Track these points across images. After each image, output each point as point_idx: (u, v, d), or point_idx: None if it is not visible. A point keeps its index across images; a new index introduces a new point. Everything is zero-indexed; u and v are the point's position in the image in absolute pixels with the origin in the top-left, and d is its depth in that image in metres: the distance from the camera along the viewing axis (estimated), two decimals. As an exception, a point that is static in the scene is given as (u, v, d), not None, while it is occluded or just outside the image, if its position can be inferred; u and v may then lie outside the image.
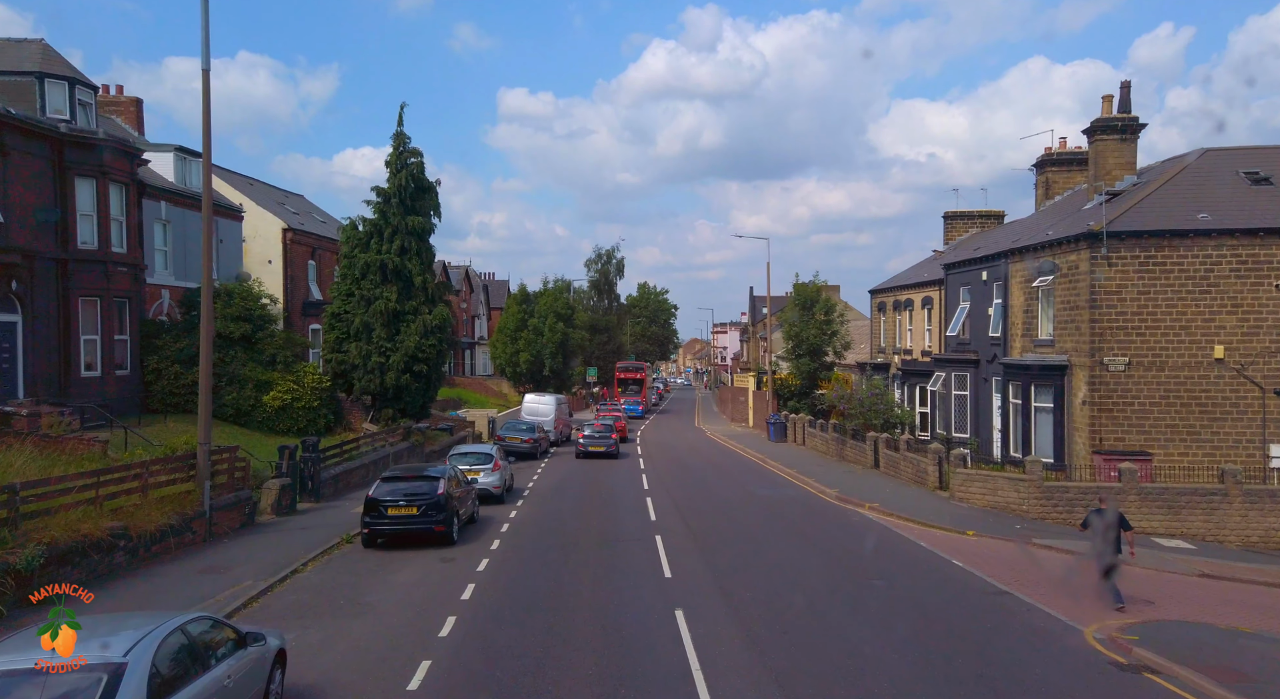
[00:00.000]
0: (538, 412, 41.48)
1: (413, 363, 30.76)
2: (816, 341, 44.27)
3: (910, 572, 16.15)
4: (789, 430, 43.29)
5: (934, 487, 25.06)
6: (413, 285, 31.44)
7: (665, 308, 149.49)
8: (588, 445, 36.76)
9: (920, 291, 37.40)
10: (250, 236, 41.66)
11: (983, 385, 30.14)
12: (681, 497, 25.23)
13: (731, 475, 31.23)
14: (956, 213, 43.12)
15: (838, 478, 28.69)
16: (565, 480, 28.86)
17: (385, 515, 17.13)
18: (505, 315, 57.75)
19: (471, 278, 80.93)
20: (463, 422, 40.26)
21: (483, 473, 23.09)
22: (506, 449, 34.40)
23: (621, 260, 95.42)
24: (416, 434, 31.10)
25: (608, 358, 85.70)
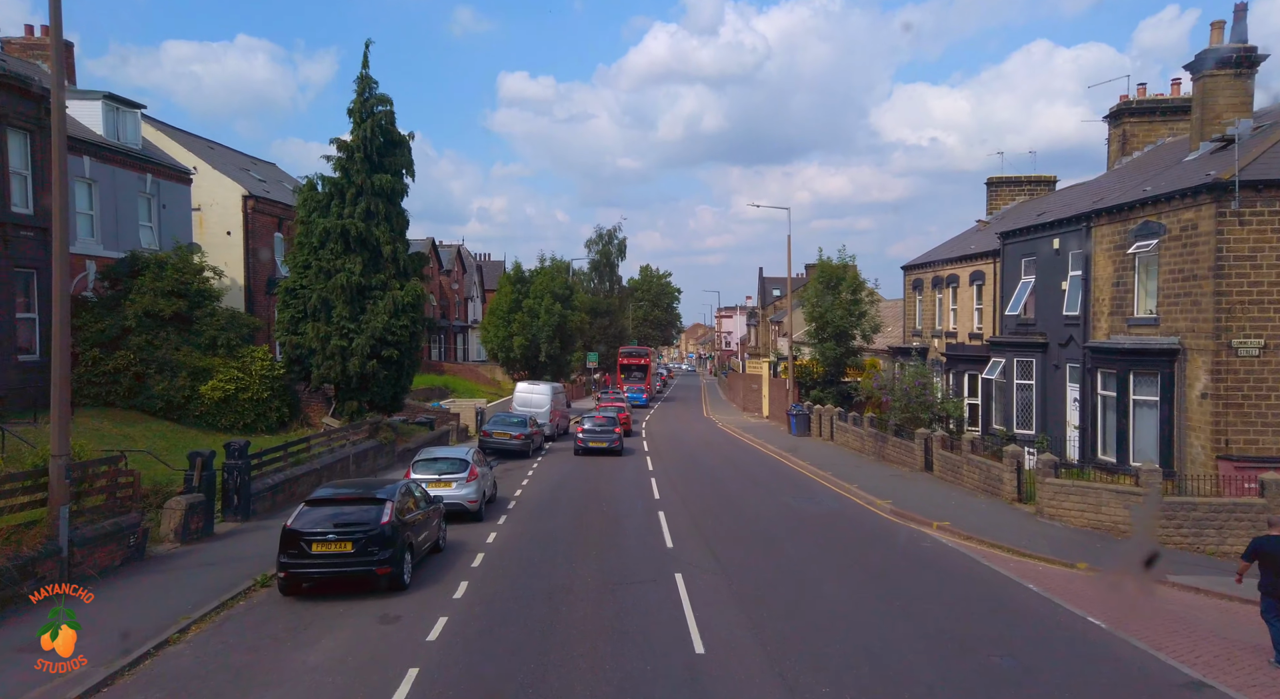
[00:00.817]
0: (531, 402, 36.87)
1: (380, 346, 26.10)
2: (843, 324, 39.58)
3: (1037, 640, 11.55)
4: (812, 423, 38.68)
5: (1011, 498, 20.46)
6: (380, 256, 26.74)
7: (668, 291, 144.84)
8: (588, 441, 32.21)
9: (968, 266, 32.67)
10: (206, 204, 36.93)
11: (1052, 373, 25.50)
12: (701, 511, 20.64)
13: (756, 479, 26.63)
14: (1002, 179, 38.33)
15: (885, 484, 24.09)
16: (560, 487, 24.28)
17: (309, 554, 12.54)
18: (498, 296, 53.07)
19: (464, 257, 76.18)
20: (446, 414, 35.66)
21: (455, 484, 18.48)
22: (494, 447, 29.88)
23: (624, 241, 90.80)
24: (386, 430, 26.48)
25: (609, 342, 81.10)
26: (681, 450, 35.19)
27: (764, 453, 34.01)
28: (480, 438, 30.81)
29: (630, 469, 28.34)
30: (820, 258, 41.28)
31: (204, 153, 38.73)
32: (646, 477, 26.45)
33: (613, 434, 32.48)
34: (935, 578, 14.61)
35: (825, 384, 40.69)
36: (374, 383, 26.50)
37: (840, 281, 40.52)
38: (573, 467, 28.94)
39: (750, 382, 58.08)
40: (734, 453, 34.44)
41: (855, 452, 32.39)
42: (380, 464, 25.73)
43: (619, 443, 32.52)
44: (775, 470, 28.72)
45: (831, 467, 27.97)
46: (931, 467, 25.68)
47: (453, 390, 45.15)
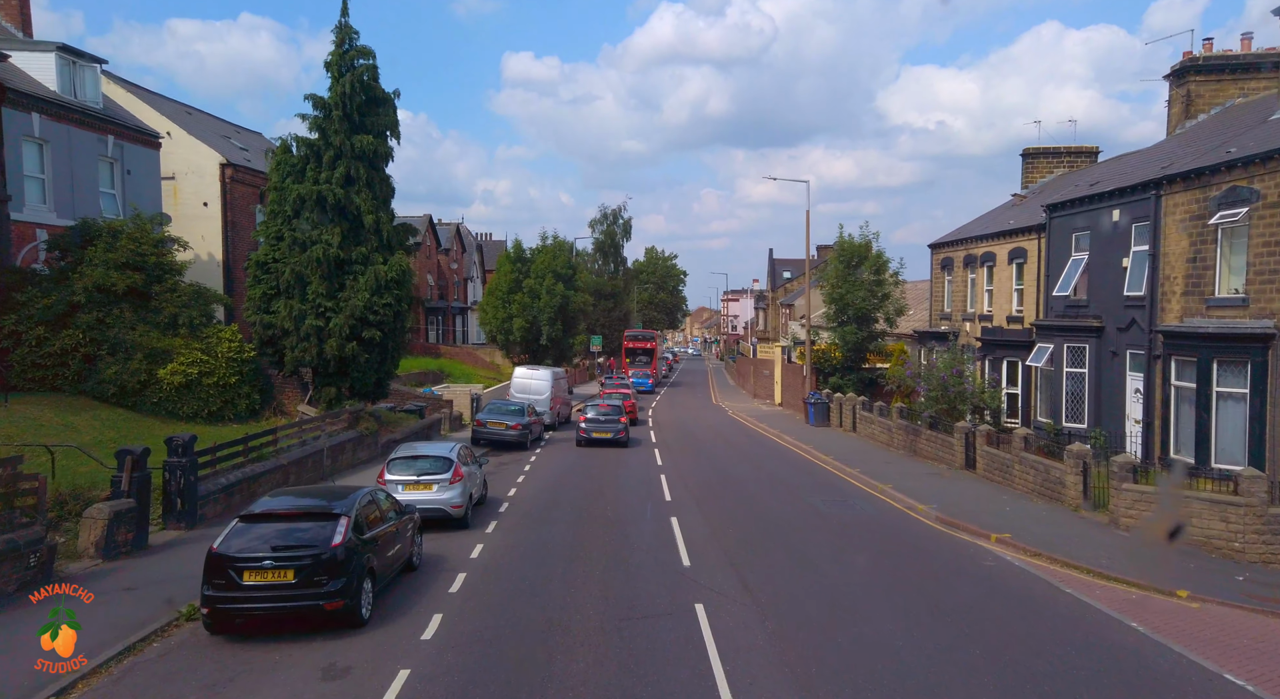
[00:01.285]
0: (530, 389, 34.30)
1: (361, 327, 23.52)
2: (864, 306, 36.87)
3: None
4: (832, 412, 36.06)
5: (1075, 505, 17.84)
6: (361, 226, 24.10)
7: (674, 273, 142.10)
8: (591, 431, 29.69)
9: (1006, 242, 29.90)
10: (181, 173, 34.28)
11: (1110, 361, 22.83)
12: (719, 516, 18.08)
13: (777, 477, 24.06)
14: (1039, 149, 35.53)
15: (923, 485, 21.49)
16: (559, 485, 21.74)
17: (240, 585, 9.99)
18: (497, 275, 50.41)
19: (464, 236, 73.53)
20: (438, 401, 33.11)
21: (436, 486, 15.92)
22: (488, 438, 27.35)
23: (629, 221, 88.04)
24: (368, 420, 23.93)
25: (613, 326, 78.50)
26: (691, 441, 32.64)
27: (781, 445, 31.43)
28: (474, 428, 28.28)
29: (637, 463, 25.79)
30: (840, 235, 38.55)
31: (179, 117, 36.00)
32: (655, 472, 23.89)
33: (617, 424, 29.94)
34: (1014, 612, 12.02)
35: (845, 371, 38.05)
36: (354, 367, 23.93)
37: (862, 261, 37.77)
38: (574, 460, 26.41)
39: (761, 367, 55.45)
40: (749, 445, 31.86)
41: (882, 445, 29.77)
42: (360, 457, 23.21)
43: (624, 434, 29.99)
44: (796, 466, 26.14)
45: (859, 462, 25.37)
46: (974, 464, 23.06)
47: (448, 375, 42.60)
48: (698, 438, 33.96)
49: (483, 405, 34.52)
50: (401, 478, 15.95)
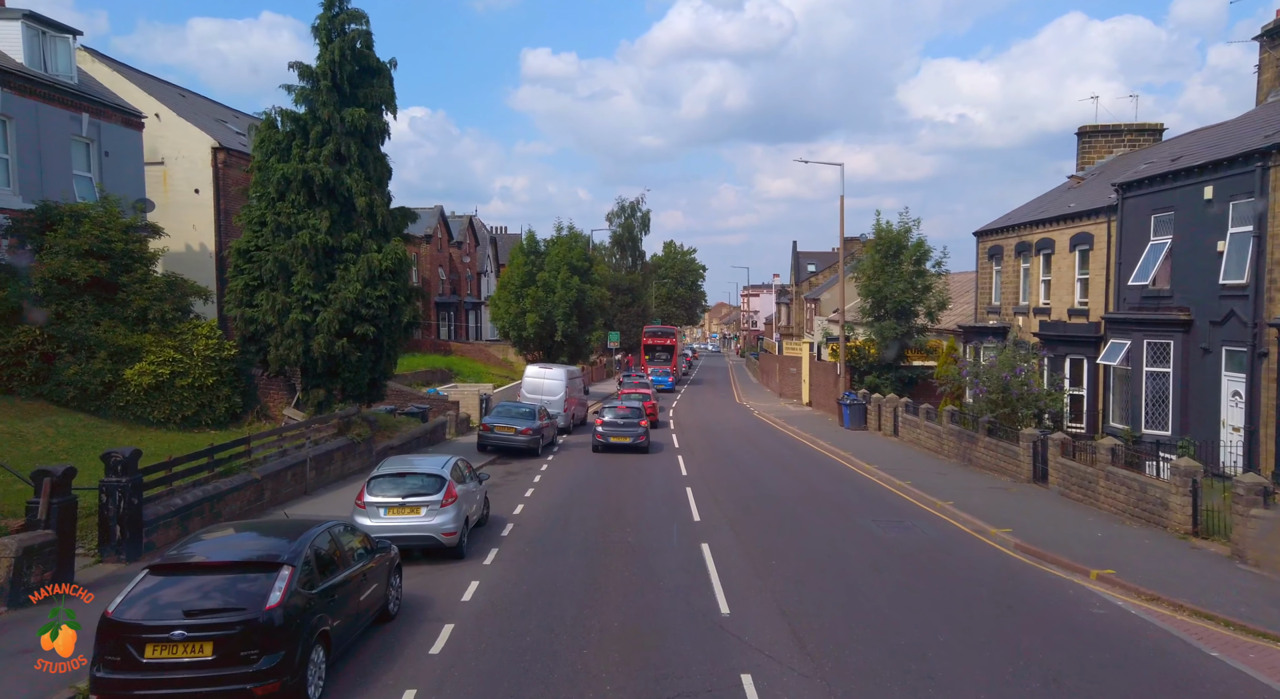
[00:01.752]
0: (542, 389, 31.81)
1: (352, 321, 21.09)
2: (904, 299, 34.06)
3: None
4: (869, 414, 33.31)
5: (1183, 532, 15.06)
6: (353, 210, 21.67)
7: (693, 268, 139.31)
8: (609, 436, 27.17)
9: (1067, 227, 27.05)
10: (171, 158, 31.99)
11: (1200, 359, 19.99)
12: (758, 544, 15.47)
13: (818, 490, 21.42)
14: (1097, 127, 32.60)
15: (990, 502, 18.77)
16: (572, 500, 19.20)
17: (141, 662, 7.50)
18: (510, 268, 47.92)
19: (477, 229, 71.19)
20: (443, 402, 30.68)
21: (425, 509, 13.41)
22: (496, 444, 24.89)
23: (647, 213, 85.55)
24: (359, 425, 21.49)
25: (631, 321, 75.98)
26: (718, 446, 30.02)
27: (817, 451, 28.73)
28: (479, 433, 25.81)
29: (659, 473, 23.22)
30: (877, 223, 35.75)
31: (171, 100, 33.74)
32: (680, 485, 21.31)
33: (637, 427, 27.40)
34: (1153, 686, 9.33)
35: (882, 369, 35.25)
36: (344, 366, 21.50)
37: (900, 250, 34.95)
38: (590, 469, 23.88)
39: (787, 364, 52.71)
40: (781, 451, 29.19)
41: (930, 452, 27.00)
42: (351, 468, 20.78)
43: (645, 438, 27.44)
44: (838, 477, 23.46)
45: (908, 473, 22.66)
46: (1044, 477, 20.28)
47: (457, 373, 40.20)
48: (724, 442, 31.33)
49: (492, 407, 32.11)
50: (384, 499, 13.47)
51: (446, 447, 26.89)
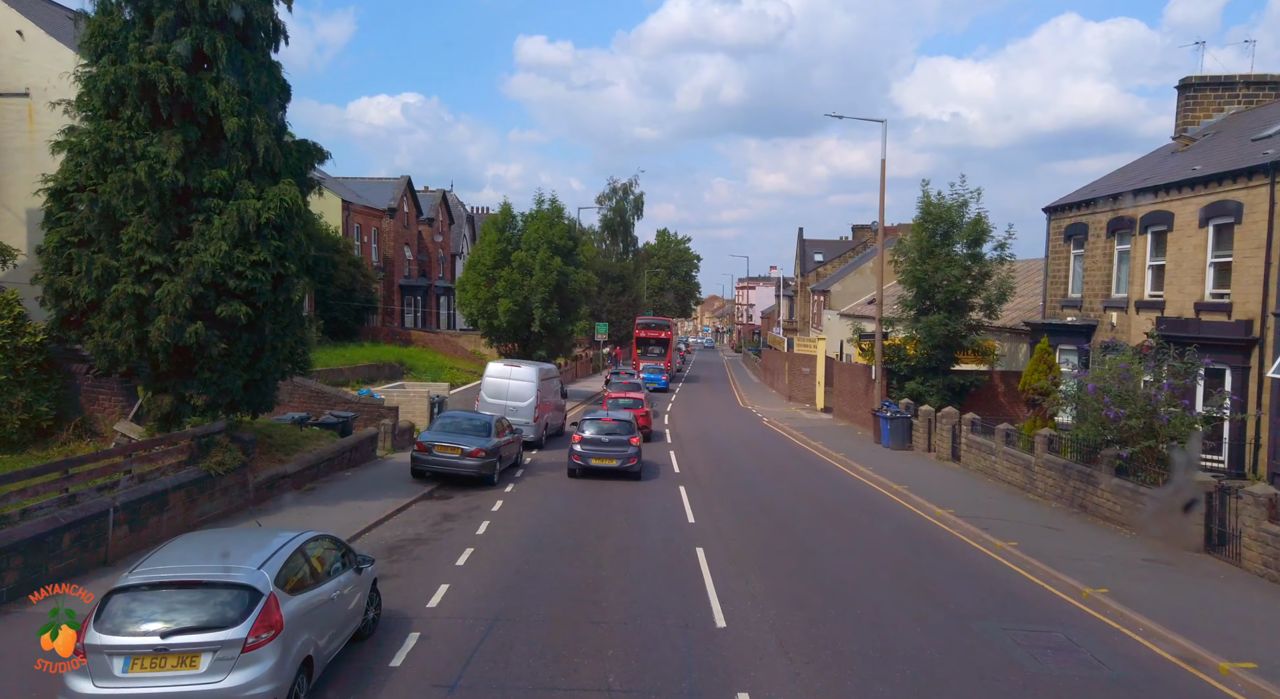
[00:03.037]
0: (507, 392, 25.19)
1: (214, 297, 14.40)
2: (957, 289, 27.56)
3: None
4: (916, 430, 26.83)
5: None
6: (221, 137, 14.94)
7: (687, 258, 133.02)
8: (589, 457, 20.72)
9: (1192, 197, 20.59)
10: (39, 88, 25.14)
11: None
12: (827, 675, 8.92)
13: (893, 559, 14.89)
14: (1204, 79, 26.27)
15: (1169, 593, 12.29)
16: (527, 576, 12.56)
17: None
18: (480, 246, 41.21)
19: (452, 206, 64.31)
20: (378, 407, 23.96)
21: (209, 660, 6.79)
22: (435, 470, 18.35)
23: (640, 196, 79.05)
24: (227, 449, 14.76)
25: (621, 312, 69.42)
26: (729, 470, 23.48)
27: (862, 484, 22.20)
28: (413, 454, 19.13)
29: (656, 520, 16.66)
30: (923, 195, 29.12)
31: (45, 18, 26.82)
32: (687, 543, 14.74)
33: (626, 447, 20.88)
34: None
35: (927, 373, 28.75)
36: (204, 362, 14.78)
37: (953, 229, 28.43)
38: (560, 510, 17.31)
39: (798, 363, 46.24)
40: (813, 480, 22.63)
41: (1014, 489, 20.50)
42: (207, 512, 14.09)
43: (635, 461, 20.92)
44: (911, 531, 16.88)
45: (1001, 524, 16.17)
46: (1221, 544, 13.80)
47: (410, 369, 33.49)
48: (735, 463, 24.79)
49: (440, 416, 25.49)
50: (129, 640, 6.83)
51: (374, 470, 20.27)
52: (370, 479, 19.08)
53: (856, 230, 75.28)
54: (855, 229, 75.60)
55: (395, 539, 14.36)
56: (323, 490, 17.47)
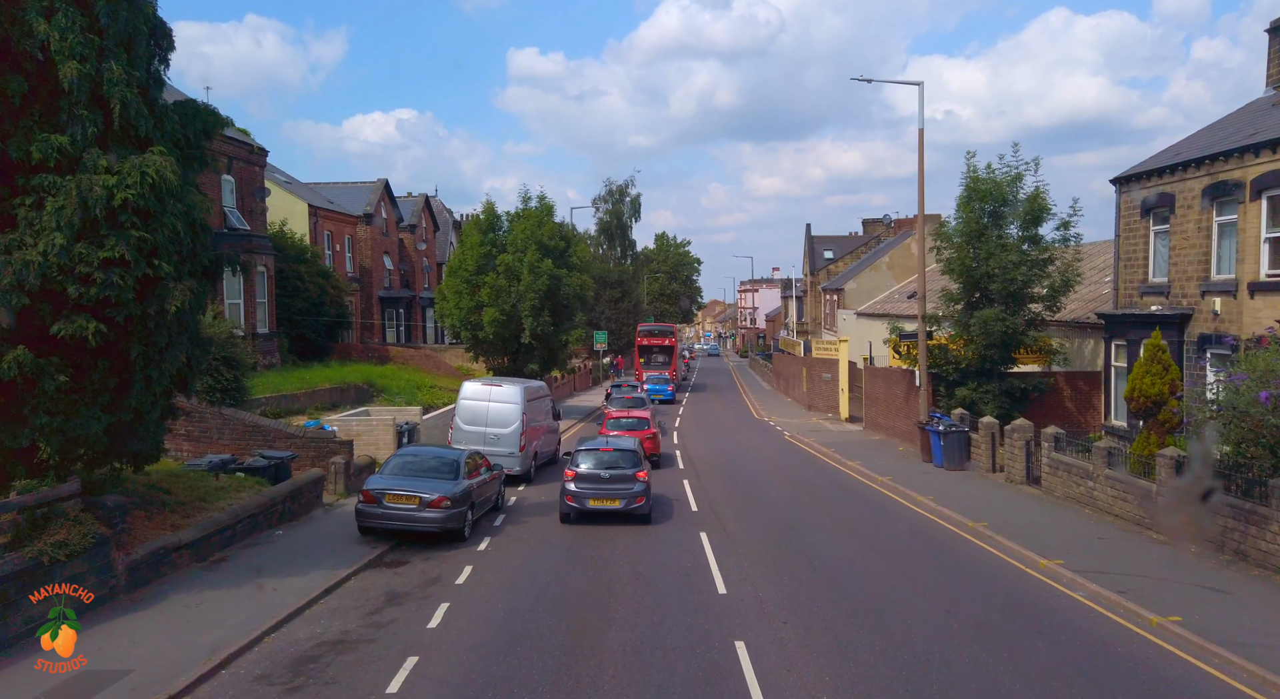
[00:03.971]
0: (487, 417, 21.02)
1: (50, 312, 10.26)
2: (1015, 276, 23.37)
3: None
4: (975, 447, 22.61)
5: None
6: (59, 91, 10.79)
7: (687, 262, 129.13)
8: (586, 496, 16.65)
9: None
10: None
11: None
12: None
13: (990, 629, 10.67)
14: (1303, 19, 22.03)
15: None
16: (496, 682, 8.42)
17: None
18: (461, 249, 37.09)
19: (436, 212, 60.29)
20: (329, 443, 19.70)
21: None
22: (388, 526, 14.19)
23: (637, 197, 75.22)
24: (70, 524, 10.56)
25: (621, 320, 65.35)
26: (757, 504, 19.21)
27: (924, 516, 17.93)
28: (358, 505, 14.90)
29: (675, 586, 12.45)
30: (969, 169, 24.92)
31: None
32: (721, 627, 10.54)
33: (632, 484, 16.73)
34: None
35: (980, 376, 24.55)
36: (42, 401, 10.60)
37: (1004, 207, 24.30)
38: (548, 577, 13.10)
39: (817, 368, 42.03)
40: (863, 515, 18.34)
41: (1129, 524, 16.20)
42: (39, 616, 9.87)
43: (643, 500, 16.75)
44: (1014, 593, 12.63)
45: (1155, 590, 11.95)
46: None
47: (381, 390, 29.31)
48: (765, 495, 20.52)
49: (413, 443, 21.37)
50: None
51: (315, 525, 16.08)
52: (305, 539, 14.88)
53: (867, 225, 71.28)
54: (866, 223, 71.60)
55: (308, 645, 10.16)
56: (235, 561, 13.28)
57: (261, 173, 34.52)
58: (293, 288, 35.64)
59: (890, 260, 57.65)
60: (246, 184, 33.41)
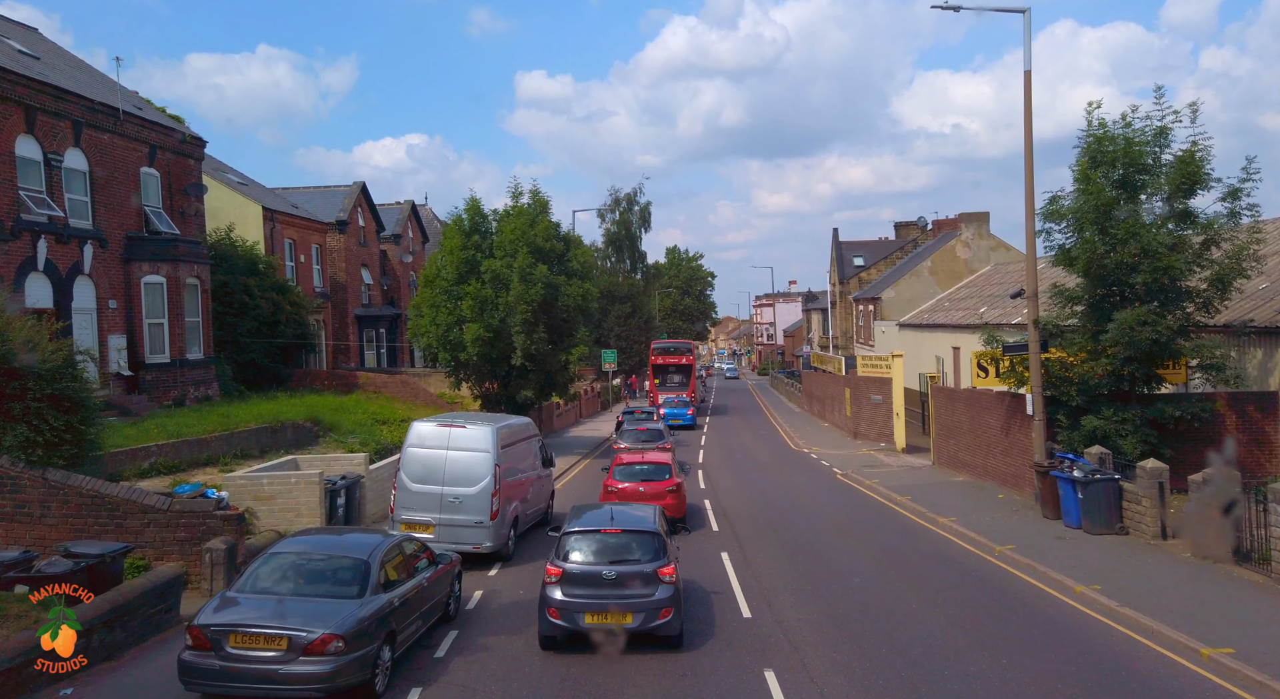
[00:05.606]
0: (443, 473, 14.92)
1: None
2: (1174, 264, 17.10)
3: None
4: (1130, 501, 16.21)
5: None
6: None
7: (700, 276, 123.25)
8: (579, 610, 10.53)
9: None
10: None
11: None
12: None
13: None
14: None
15: None
16: None
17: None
18: (439, 255, 31.16)
19: (425, 223, 54.53)
20: (206, 518, 13.48)
21: None
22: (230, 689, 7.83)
23: (647, 206, 69.41)
24: None
25: (632, 337, 59.39)
26: (831, 593, 12.85)
27: (1100, 623, 11.47)
28: (182, 658, 8.72)
29: None
30: (1089, 124, 18.67)
31: None
32: None
33: (651, 588, 10.72)
34: None
35: (1114, 401, 18.20)
36: None
37: (1143, 174, 18.09)
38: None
39: (864, 389, 35.73)
40: (996, 616, 11.92)
41: None
42: None
43: (670, 613, 10.59)
44: None
45: None
46: None
47: (330, 429, 23.20)
48: (843, 578, 14.11)
49: (355, 503, 15.35)
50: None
51: (143, 669, 9.96)
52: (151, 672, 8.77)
53: (900, 228, 65.15)
54: (898, 227, 65.47)
55: None
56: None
57: (198, 167, 28.75)
58: (240, 304, 29.76)
59: (933, 265, 51.46)
60: (177, 180, 27.63)
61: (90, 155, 23.52)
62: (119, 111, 24.43)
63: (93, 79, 26.59)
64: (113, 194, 24.43)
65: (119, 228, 24.60)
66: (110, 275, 24.13)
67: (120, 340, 24.50)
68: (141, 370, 24.80)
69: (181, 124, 29.56)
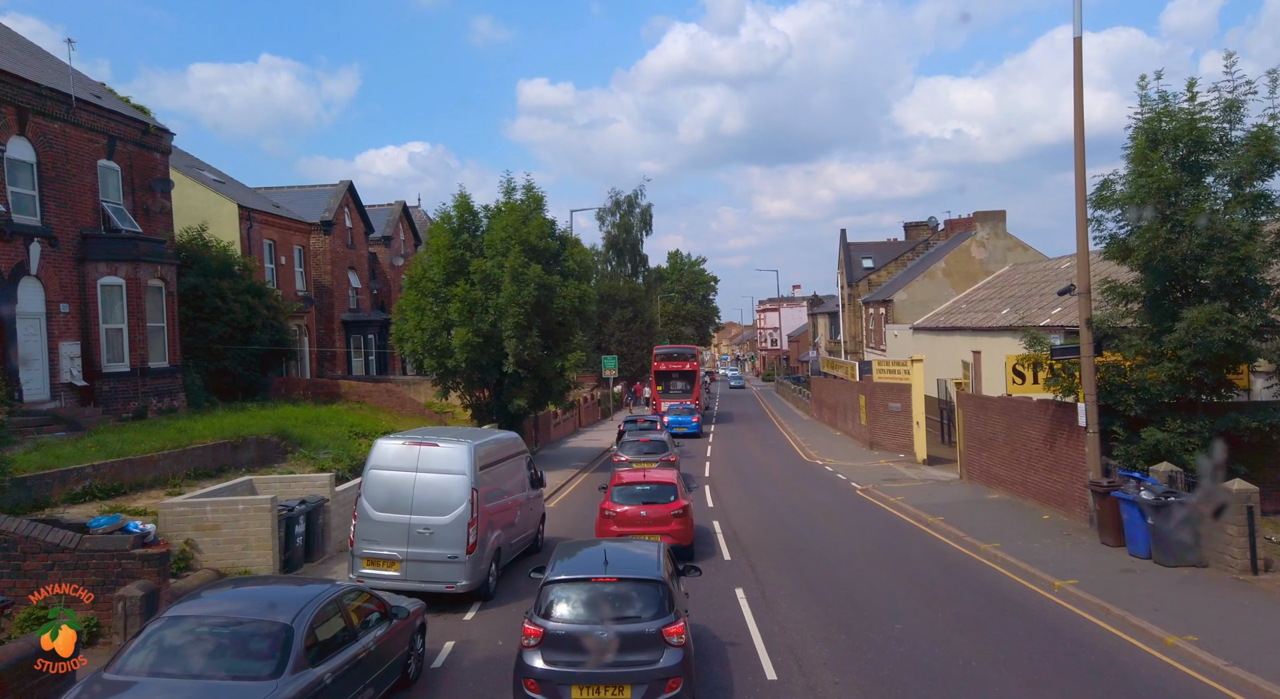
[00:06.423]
0: (411, 500, 12.77)
1: None
2: (1249, 254, 14.95)
3: None
4: (1206, 527, 14.01)
5: None
6: None
7: (703, 280, 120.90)
8: (564, 683, 8.18)
9: None
10: None
11: None
12: None
13: None
14: None
15: None
16: None
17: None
18: (424, 254, 29.12)
19: (418, 225, 52.45)
20: (121, 559, 11.36)
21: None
22: None
23: (648, 208, 67.62)
24: None
25: (633, 343, 57.30)
26: (874, 644, 10.68)
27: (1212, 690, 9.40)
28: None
29: None
30: (1144, 99, 16.59)
31: None
32: None
33: (655, 653, 8.45)
34: None
35: (1176, 412, 16.02)
36: None
37: (1209, 154, 15.97)
38: None
39: (881, 397, 33.53)
40: (1071, 674, 9.79)
41: None
42: None
43: (679, 686, 8.34)
44: None
45: None
46: None
47: (299, 444, 21.03)
48: (881, 623, 11.89)
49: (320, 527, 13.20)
50: None
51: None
52: None
53: (910, 229, 62.96)
54: (908, 228, 63.27)
55: None
56: None
57: (164, 161, 26.66)
58: (212, 309, 27.66)
59: (947, 266, 49.29)
60: (140, 174, 25.54)
61: (38, 145, 21.44)
62: (71, 98, 22.36)
63: (44, 64, 24.53)
64: (65, 188, 22.35)
65: (72, 225, 22.51)
66: (62, 276, 22.03)
67: (73, 348, 22.39)
68: (98, 380, 22.70)
69: (146, 114, 27.51)
